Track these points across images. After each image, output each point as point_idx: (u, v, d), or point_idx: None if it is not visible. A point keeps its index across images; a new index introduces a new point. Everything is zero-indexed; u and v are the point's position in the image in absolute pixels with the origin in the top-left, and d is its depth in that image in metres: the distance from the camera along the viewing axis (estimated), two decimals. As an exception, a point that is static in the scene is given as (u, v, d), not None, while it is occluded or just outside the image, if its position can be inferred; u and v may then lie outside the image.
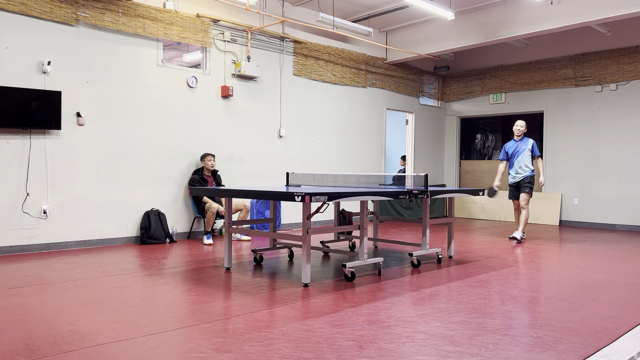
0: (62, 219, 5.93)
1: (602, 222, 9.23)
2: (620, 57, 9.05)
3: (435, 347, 2.74)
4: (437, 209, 10.74)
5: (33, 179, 5.71)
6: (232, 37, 7.54)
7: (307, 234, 4.10)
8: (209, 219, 6.61)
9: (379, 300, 3.72)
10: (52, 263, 5.06)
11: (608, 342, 2.85)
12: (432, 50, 9.31)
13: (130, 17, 6.41)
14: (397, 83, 10.36)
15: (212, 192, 4.81)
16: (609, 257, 5.87)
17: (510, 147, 7.20)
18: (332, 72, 9.01)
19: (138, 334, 2.88)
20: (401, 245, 6.46)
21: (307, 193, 3.81)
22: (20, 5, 5.57)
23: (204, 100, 7.25)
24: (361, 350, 2.66)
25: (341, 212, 5.58)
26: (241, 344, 2.73)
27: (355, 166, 9.57)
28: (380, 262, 4.66)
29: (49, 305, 3.48)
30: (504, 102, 10.73)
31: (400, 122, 11.31)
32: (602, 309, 3.56)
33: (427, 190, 4.91)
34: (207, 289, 3.99)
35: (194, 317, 3.22)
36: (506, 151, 7.24)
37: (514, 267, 5.11)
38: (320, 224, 8.67)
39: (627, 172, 8.97)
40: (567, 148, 9.75)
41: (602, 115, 9.31)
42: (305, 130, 8.66)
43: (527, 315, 3.35)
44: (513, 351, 2.68)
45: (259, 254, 5.18)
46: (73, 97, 6.01)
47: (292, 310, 3.42)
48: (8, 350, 2.61)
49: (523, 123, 7.14)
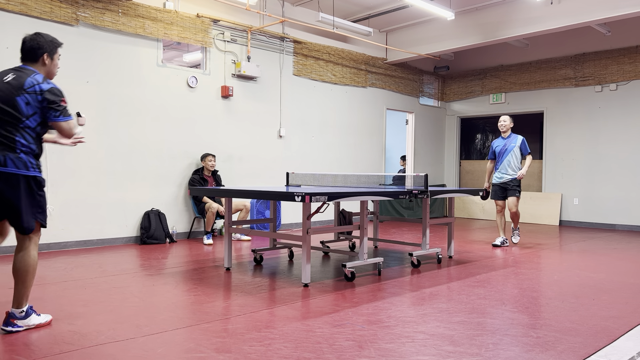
0: (62, 219, 5.93)
1: (602, 222, 9.23)
2: (620, 57, 9.05)
3: (435, 347, 2.74)
4: (437, 209, 10.74)
5: (33, 179, 5.70)
6: (232, 37, 7.54)
7: (307, 234, 4.10)
8: (209, 219, 6.61)
9: (379, 300, 3.72)
10: (52, 263, 5.06)
11: (608, 342, 2.85)
12: (432, 50, 9.31)
13: (130, 17, 6.41)
14: (397, 83, 10.36)
15: (212, 192, 4.81)
16: (609, 257, 5.87)
17: (498, 145, 6.61)
18: (332, 72, 9.01)
19: (138, 334, 2.88)
20: (401, 245, 6.46)
21: (307, 193, 3.81)
22: (20, 5, 5.57)
23: (204, 100, 7.25)
24: (361, 350, 2.66)
25: (341, 212, 5.58)
26: (241, 344, 2.73)
27: (355, 166, 9.57)
28: (380, 262, 4.66)
29: (49, 305, 3.48)
30: (504, 102, 10.73)
31: (400, 122, 11.31)
32: (602, 309, 3.56)
33: (427, 190, 4.91)
34: (207, 289, 3.99)
35: (194, 317, 3.22)
36: (493, 149, 6.66)
37: (514, 267, 5.11)
38: (320, 224, 8.66)
39: (627, 172, 8.97)
40: (567, 148, 9.75)
41: (602, 115, 9.31)
42: (305, 130, 8.66)
43: (527, 315, 3.35)
44: (513, 351, 2.68)
45: (259, 254, 5.18)
46: (73, 97, 6.01)
47: (292, 310, 3.42)
48: (8, 350, 2.61)
49: (507, 118, 6.59)
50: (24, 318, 2.95)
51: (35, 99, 2.90)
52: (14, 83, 2.90)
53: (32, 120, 2.92)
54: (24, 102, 2.88)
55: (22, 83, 2.90)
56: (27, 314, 2.96)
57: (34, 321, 2.98)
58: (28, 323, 2.95)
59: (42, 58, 3.03)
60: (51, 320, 3.10)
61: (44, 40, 3.03)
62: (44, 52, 3.03)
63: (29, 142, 2.92)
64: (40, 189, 2.98)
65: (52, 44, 3.07)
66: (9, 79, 2.92)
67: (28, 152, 2.91)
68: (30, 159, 2.92)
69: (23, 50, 3.02)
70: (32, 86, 2.90)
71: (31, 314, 2.98)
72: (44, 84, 2.93)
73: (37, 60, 3.02)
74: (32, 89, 2.90)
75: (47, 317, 3.09)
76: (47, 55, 3.04)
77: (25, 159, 2.89)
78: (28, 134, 2.91)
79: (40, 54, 3.02)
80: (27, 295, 2.96)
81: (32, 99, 2.89)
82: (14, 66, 3.01)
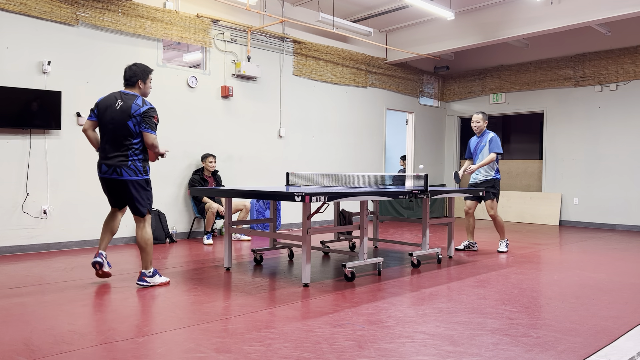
0: (62, 219, 5.93)
1: (602, 222, 9.23)
2: (620, 57, 9.05)
3: (435, 347, 2.74)
4: (437, 209, 10.74)
5: (33, 179, 5.71)
6: (232, 37, 7.54)
7: (307, 234, 4.10)
8: (209, 219, 6.61)
9: (379, 300, 3.72)
10: (52, 263, 5.06)
11: (608, 342, 2.85)
12: (432, 50, 9.31)
13: (130, 17, 6.41)
14: (397, 83, 10.36)
15: (212, 192, 4.81)
16: (609, 257, 5.87)
17: (472, 144, 6.23)
18: (332, 72, 9.01)
19: (138, 334, 2.88)
20: (401, 245, 6.46)
21: (307, 193, 3.81)
22: (20, 5, 5.57)
23: (204, 100, 7.25)
24: (361, 350, 2.65)
25: (341, 212, 5.58)
26: (241, 344, 2.73)
27: (355, 166, 9.57)
28: (380, 262, 4.66)
29: (49, 305, 3.48)
30: (504, 102, 10.73)
31: (400, 122, 11.31)
32: (602, 309, 3.56)
33: (427, 190, 4.91)
34: (207, 289, 3.99)
35: (194, 317, 3.22)
36: (469, 148, 6.30)
37: (514, 267, 5.11)
38: (320, 224, 8.66)
39: (627, 172, 8.96)
40: (567, 148, 9.75)
41: (602, 115, 9.31)
42: (305, 130, 8.66)
43: (527, 315, 3.35)
44: (513, 351, 2.68)
45: (259, 254, 5.18)
46: (73, 97, 6.01)
47: (292, 310, 3.42)
48: (8, 350, 2.61)
49: (480, 117, 6.10)
50: (152, 276, 4.05)
51: (138, 119, 3.87)
52: (124, 109, 3.86)
53: (139, 136, 3.91)
54: (132, 124, 3.86)
55: (129, 108, 3.86)
56: (153, 273, 4.06)
57: (157, 280, 4.06)
58: (154, 281, 4.05)
59: (137, 83, 4.01)
60: (169, 282, 4.16)
61: (138, 70, 4.00)
62: (138, 78, 4.00)
63: (137, 154, 3.92)
64: (148, 185, 4.06)
65: (144, 72, 4.03)
66: (119, 106, 3.89)
67: (137, 161, 3.93)
68: (138, 166, 3.93)
69: (124, 78, 4.00)
70: (136, 110, 3.86)
71: (156, 274, 4.09)
72: (143, 107, 3.89)
73: (134, 85, 4.00)
74: (137, 112, 3.86)
75: (167, 279, 4.17)
76: (141, 81, 4.02)
77: (134, 168, 3.92)
78: (137, 147, 3.91)
79: (135, 80, 3.99)
80: (151, 260, 4.04)
81: (137, 120, 3.86)
82: (118, 91, 3.98)
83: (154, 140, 3.91)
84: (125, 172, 3.89)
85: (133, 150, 3.89)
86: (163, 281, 4.09)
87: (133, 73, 3.98)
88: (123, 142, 3.87)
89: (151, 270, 4.04)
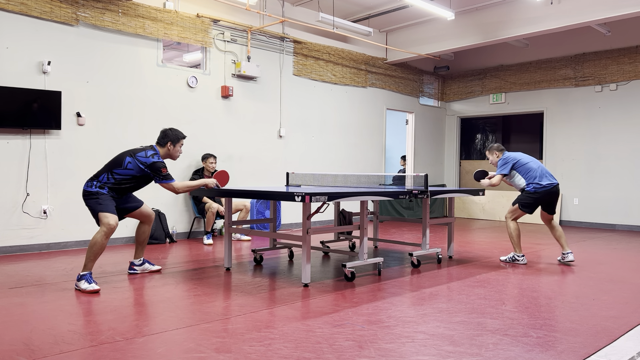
0: (62, 219, 5.93)
1: (602, 222, 9.23)
2: (620, 57, 9.05)
3: (435, 347, 2.74)
4: (437, 209, 10.73)
5: (33, 179, 5.71)
6: (232, 37, 7.54)
7: (307, 234, 4.10)
8: (209, 219, 6.61)
9: (379, 300, 3.72)
10: (52, 263, 5.06)
11: (608, 342, 2.85)
12: (432, 50, 9.31)
13: (130, 17, 6.41)
14: (397, 83, 10.36)
15: (212, 192, 4.81)
16: (609, 257, 5.87)
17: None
18: (332, 72, 9.01)
19: (138, 334, 2.88)
20: (401, 245, 6.46)
21: (307, 193, 3.81)
22: (20, 5, 5.57)
23: (204, 100, 7.25)
24: (361, 350, 2.65)
25: (341, 212, 5.58)
26: (241, 344, 2.73)
27: (355, 166, 9.57)
28: (380, 262, 4.66)
29: (49, 305, 3.48)
30: (504, 102, 10.73)
31: (400, 122, 11.31)
32: (602, 309, 3.56)
33: (427, 190, 4.91)
34: (207, 289, 3.99)
35: (194, 317, 3.22)
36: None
37: (514, 267, 5.11)
38: (320, 224, 8.66)
39: (627, 172, 8.96)
40: (567, 148, 9.75)
41: (602, 115, 9.31)
42: (305, 130, 8.66)
43: (527, 315, 3.35)
44: (513, 351, 2.68)
45: (259, 254, 5.18)
46: (73, 97, 6.01)
47: (292, 310, 3.42)
48: (8, 350, 2.61)
49: (490, 154, 5.60)
50: (141, 265, 4.55)
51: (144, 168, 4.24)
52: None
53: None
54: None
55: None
56: (143, 262, 4.57)
57: (148, 268, 4.58)
58: (144, 269, 4.57)
59: (167, 144, 4.36)
60: (160, 269, 4.68)
61: (172, 134, 4.36)
62: (169, 140, 4.35)
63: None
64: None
65: (176, 136, 4.38)
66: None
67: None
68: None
69: (158, 137, 4.39)
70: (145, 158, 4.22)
71: (145, 263, 4.60)
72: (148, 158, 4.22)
73: (163, 146, 4.36)
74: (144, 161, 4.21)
75: (158, 267, 4.69)
76: (171, 143, 4.36)
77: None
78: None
79: (166, 142, 4.35)
80: (143, 252, 4.54)
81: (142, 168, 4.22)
82: (150, 144, 4.37)
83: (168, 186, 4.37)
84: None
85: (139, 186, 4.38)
86: (154, 269, 4.57)
87: (165, 135, 4.35)
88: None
89: (142, 259, 4.54)
